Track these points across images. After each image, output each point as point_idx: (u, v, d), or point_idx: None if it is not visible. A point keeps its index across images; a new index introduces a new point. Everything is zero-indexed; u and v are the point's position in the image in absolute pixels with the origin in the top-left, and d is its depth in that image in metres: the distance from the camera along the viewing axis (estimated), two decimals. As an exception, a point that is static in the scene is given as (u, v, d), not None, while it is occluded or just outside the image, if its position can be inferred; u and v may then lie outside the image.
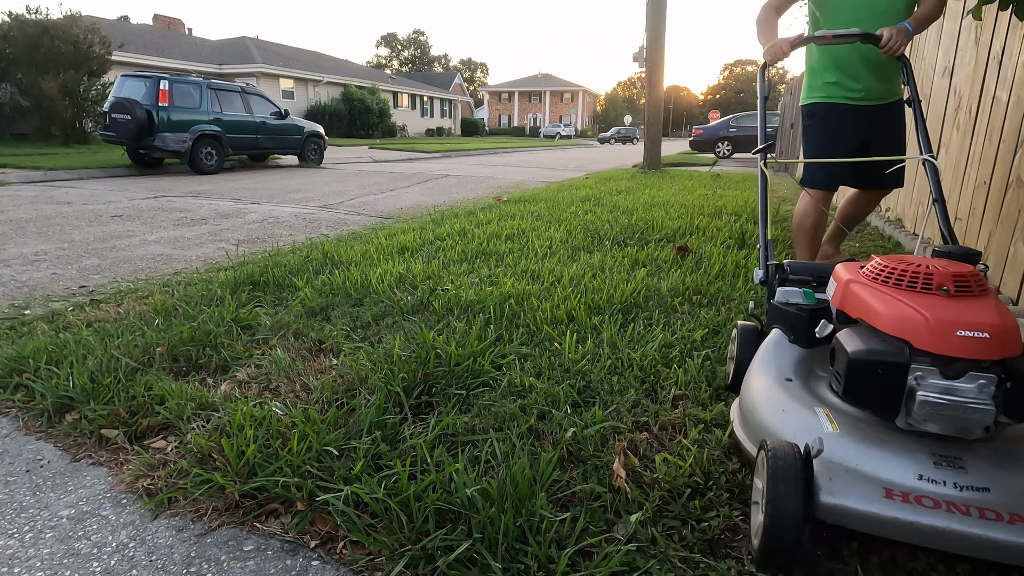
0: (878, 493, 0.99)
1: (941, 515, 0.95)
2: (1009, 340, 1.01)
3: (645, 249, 3.36)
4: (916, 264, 1.12)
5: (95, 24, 14.63)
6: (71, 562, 1.07)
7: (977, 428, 1.02)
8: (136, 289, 2.70)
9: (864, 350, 1.06)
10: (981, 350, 1.00)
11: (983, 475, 0.99)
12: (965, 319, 1.02)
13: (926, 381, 1.04)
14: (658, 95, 10.26)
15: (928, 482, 0.99)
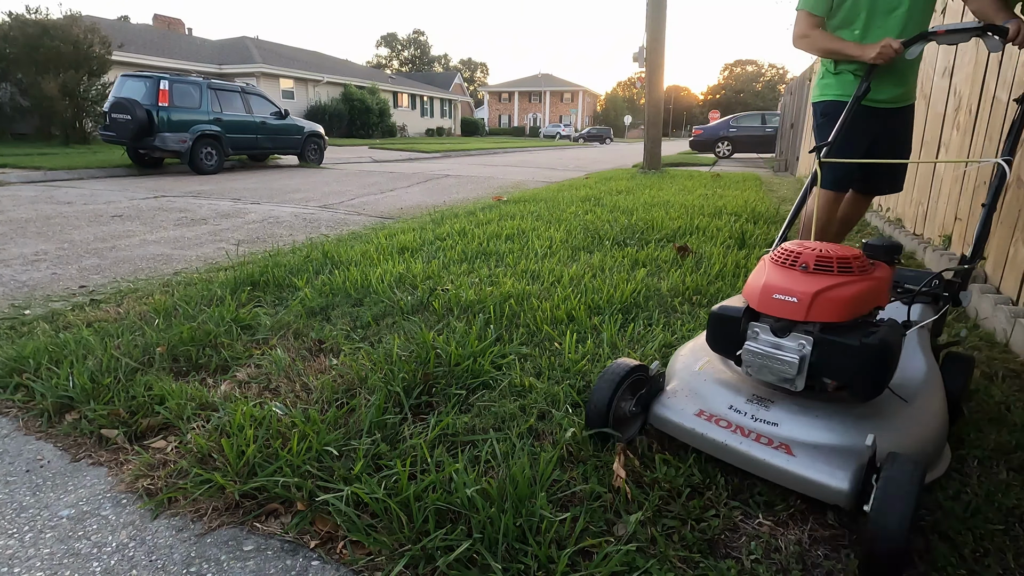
0: (692, 411, 1.31)
1: (727, 434, 1.23)
2: (816, 306, 1.16)
3: (645, 249, 3.36)
4: (799, 248, 1.27)
5: (95, 24, 14.62)
6: (71, 562, 1.07)
7: (793, 379, 1.19)
8: (136, 289, 2.70)
9: (718, 307, 1.35)
10: (786, 310, 1.19)
11: (779, 414, 1.23)
12: (785, 286, 1.20)
13: (758, 336, 1.24)
14: (658, 95, 10.26)
15: (733, 411, 1.28)
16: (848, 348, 1.13)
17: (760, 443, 1.19)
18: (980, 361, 1.92)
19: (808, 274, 1.21)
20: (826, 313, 1.16)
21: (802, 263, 1.23)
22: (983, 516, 1.16)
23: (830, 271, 1.20)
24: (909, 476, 0.98)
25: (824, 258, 1.22)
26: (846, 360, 1.14)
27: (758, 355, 1.23)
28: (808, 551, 1.10)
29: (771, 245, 1.80)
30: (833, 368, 1.17)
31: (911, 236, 3.66)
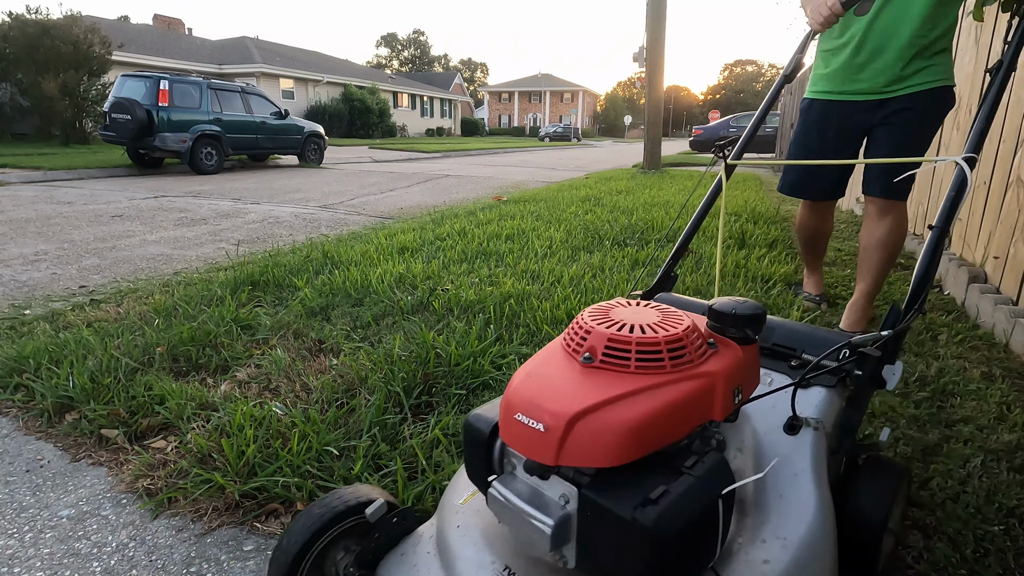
0: None
1: None
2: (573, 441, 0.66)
3: (645, 249, 3.36)
4: (593, 322, 0.76)
5: (95, 24, 14.63)
6: (71, 562, 1.08)
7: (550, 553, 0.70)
8: (136, 289, 2.70)
9: (472, 413, 0.84)
10: (529, 444, 0.69)
11: None
12: (531, 400, 0.70)
13: (514, 470, 0.78)
14: (658, 95, 10.26)
15: None
16: (617, 521, 0.65)
17: None
18: (980, 361, 1.92)
19: (585, 370, 0.72)
20: (588, 455, 0.66)
21: (587, 349, 0.74)
22: (983, 516, 1.16)
23: (624, 364, 0.71)
24: None
25: (621, 342, 0.72)
26: (616, 541, 0.66)
27: (504, 507, 0.74)
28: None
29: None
30: (603, 551, 0.68)
31: (911, 236, 3.66)
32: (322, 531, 0.84)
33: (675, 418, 0.70)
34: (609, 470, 0.67)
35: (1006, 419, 1.54)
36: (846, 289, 2.69)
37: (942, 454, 1.37)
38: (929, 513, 1.18)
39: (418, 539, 0.90)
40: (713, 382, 0.73)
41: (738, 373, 0.77)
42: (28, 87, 13.62)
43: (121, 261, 3.37)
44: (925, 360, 1.91)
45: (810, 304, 2.46)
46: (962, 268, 2.60)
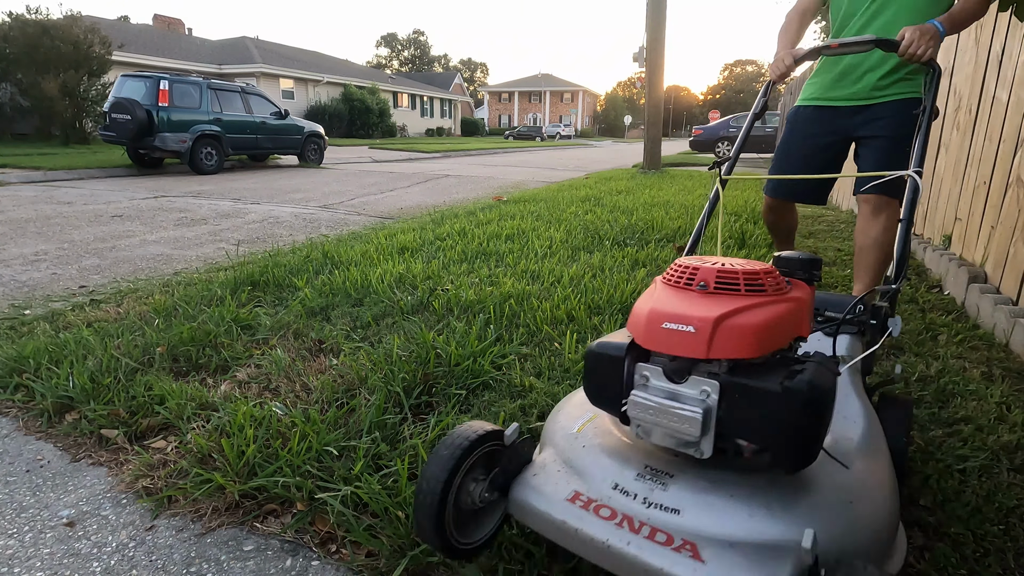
0: (563, 496, 0.92)
1: (610, 528, 0.85)
2: (722, 336, 0.83)
3: (645, 249, 3.36)
4: (695, 263, 0.95)
5: (95, 24, 14.63)
6: (71, 562, 1.08)
7: (696, 443, 0.85)
8: (136, 289, 2.70)
9: (596, 343, 0.97)
10: (682, 344, 0.84)
11: (681, 496, 0.86)
12: (678, 312, 0.86)
13: (647, 382, 0.90)
14: (658, 95, 10.26)
15: (619, 492, 0.90)
16: (767, 395, 0.81)
17: (655, 542, 0.82)
18: (980, 361, 1.92)
19: (707, 296, 0.89)
20: (733, 347, 0.83)
21: (700, 281, 0.91)
22: (983, 516, 1.16)
23: (735, 290, 0.89)
24: None
25: (728, 274, 0.91)
26: (765, 413, 0.82)
27: (648, 410, 0.88)
28: (808, 551, 1.09)
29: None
30: (748, 425, 0.84)
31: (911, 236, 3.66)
32: (460, 462, 0.93)
33: (784, 326, 0.89)
34: (742, 363, 0.86)
35: (1006, 419, 1.54)
36: (846, 290, 2.69)
37: (942, 453, 1.37)
38: (929, 513, 1.18)
39: (542, 463, 1.00)
40: (801, 306, 0.93)
41: (811, 304, 1.00)
42: (28, 87, 13.62)
43: (121, 261, 3.37)
44: (925, 360, 1.91)
45: None
46: (962, 268, 2.60)
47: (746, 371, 0.85)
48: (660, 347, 0.87)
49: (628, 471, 0.92)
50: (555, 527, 0.90)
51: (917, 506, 1.21)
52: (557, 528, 0.90)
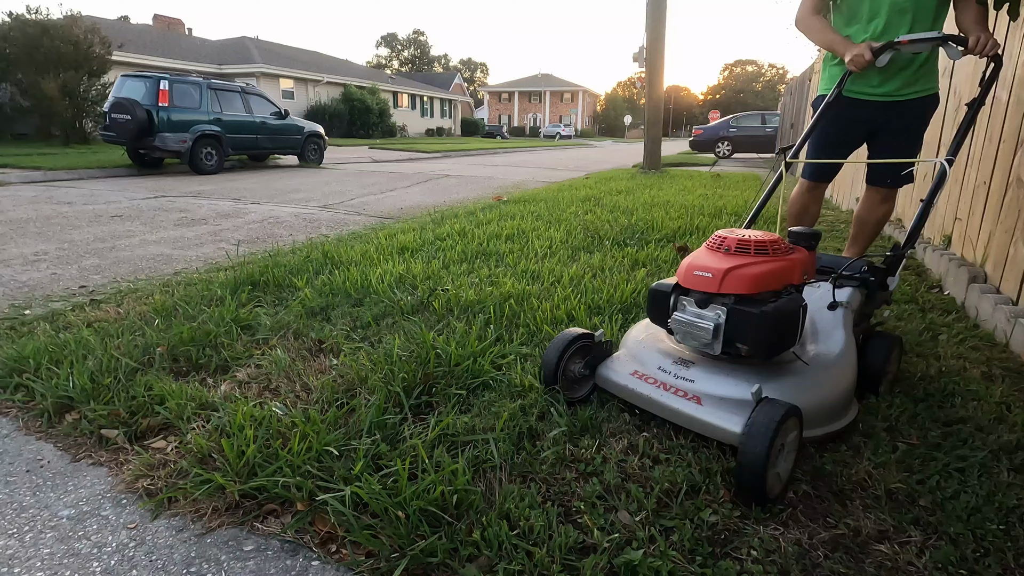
0: (629, 372, 1.53)
1: (653, 388, 1.45)
2: (727, 281, 1.36)
3: (645, 249, 3.36)
4: (728, 234, 1.46)
5: (95, 24, 14.63)
6: (71, 562, 1.08)
7: (711, 344, 1.39)
8: (136, 289, 2.70)
9: (655, 284, 1.54)
10: (704, 284, 1.39)
11: (696, 373, 1.43)
12: (704, 264, 1.40)
13: (684, 307, 1.46)
14: (658, 95, 10.26)
15: (660, 371, 1.49)
16: (751, 315, 1.33)
17: (677, 396, 1.40)
18: (980, 361, 1.92)
19: (728, 255, 1.41)
20: (735, 287, 1.36)
21: (725, 246, 1.43)
22: (983, 516, 1.16)
23: (747, 252, 1.41)
24: (770, 415, 1.17)
25: (744, 242, 1.42)
26: (749, 326, 1.33)
27: (683, 323, 1.43)
28: (808, 552, 1.10)
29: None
30: (741, 333, 1.35)
31: (911, 236, 3.65)
32: (566, 348, 1.56)
33: (775, 277, 1.41)
34: (743, 297, 1.37)
35: (1006, 419, 1.54)
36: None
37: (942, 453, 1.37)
38: (929, 513, 1.18)
39: (617, 356, 1.63)
40: (794, 265, 1.46)
41: (804, 264, 1.52)
42: (28, 87, 13.61)
43: (121, 261, 3.37)
44: (925, 360, 1.91)
45: None
46: (962, 268, 2.59)
47: (744, 301, 1.37)
48: (692, 285, 1.42)
49: (668, 359, 1.51)
50: (621, 389, 1.52)
51: (917, 505, 1.21)
52: (622, 389, 1.51)
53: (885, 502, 1.22)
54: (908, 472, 1.31)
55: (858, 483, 1.28)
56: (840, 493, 1.25)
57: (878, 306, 1.83)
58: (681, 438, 1.42)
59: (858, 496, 1.24)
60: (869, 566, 1.06)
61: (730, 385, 1.37)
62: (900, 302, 2.51)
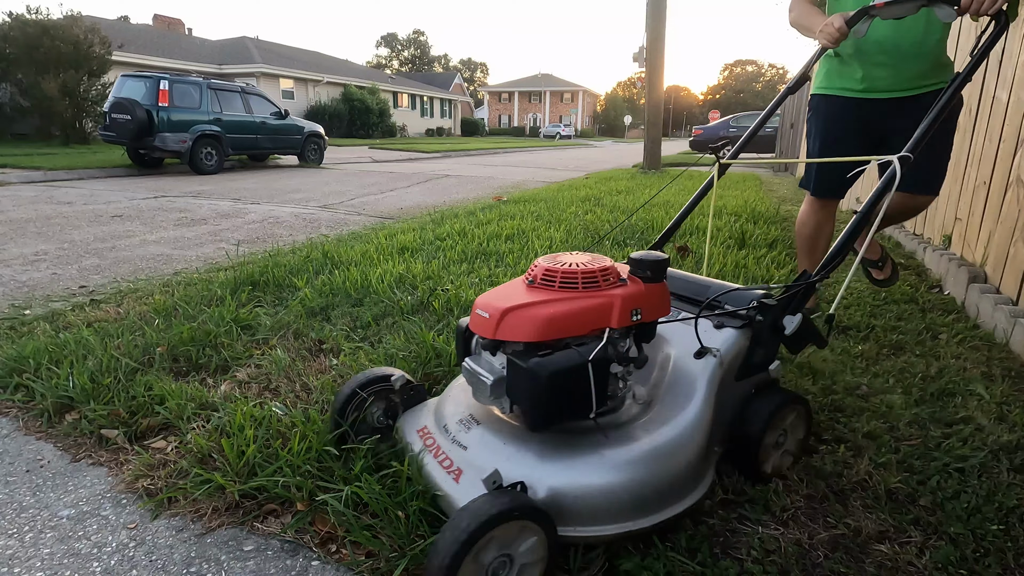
0: (416, 428, 1.26)
1: (426, 452, 1.17)
2: (505, 323, 1.05)
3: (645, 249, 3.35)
4: (546, 261, 1.16)
5: (95, 24, 14.63)
6: (71, 562, 1.08)
7: (494, 401, 1.11)
8: (136, 289, 2.70)
9: (461, 320, 1.25)
10: (482, 327, 1.08)
11: (474, 438, 1.13)
12: (488, 301, 1.10)
13: (479, 352, 1.18)
14: (658, 95, 10.26)
15: (443, 429, 1.19)
16: (521, 371, 1.03)
17: (441, 465, 1.12)
18: (980, 361, 1.92)
19: (530, 288, 1.13)
20: (512, 332, 1.05)
21: (532, 276, 1.15)
22: (983, 516, 1.16)
23: (550, 286, 1.11)
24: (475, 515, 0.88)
25: (550, 272, 1.12)
26: (518, 384, 1.05)
27: (468, 372, 1.16)
28: (808, 552, 1.09)
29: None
30: (514, 393, 1.07)
31: (911, 236, 3.66)
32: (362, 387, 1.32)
33: (574, 318, 1.07)
34: (531, 345, 1.06)
35: (1006, 419, 1.54)
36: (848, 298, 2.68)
37: (942, 453, 1.37)
38: (929, 513, 1.18)
39: (426, 403, 1.34)
40: (612, 302, 1.09)
41: (636, 300, 1.11)
42: (28, 87, 13.61)
43: (121, 261, 3.37)
44: (925, 360, 1.91)
45: None
46: (962, 268, 2.59)
47: (526, 351, 1.06)
48: (473, 328, 1.12)
49: (455, 416, 1.21)
50: (405, 446, 1.24)
51: (917, 505, 1.21)
52: (406, 446, 1.24)
53: (885, 502, 1.22)
54: (908, 472, 1.31)
55: (858, 483, 1.28)
56: (840, 493, 1.25)
57: (770, 357, 1.30)
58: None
59: (858, 496, 1.24)
60: (869, 566, 1.06)
61: (501, 459, 1.06)
62: (900, 302, 2.51)
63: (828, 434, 1.46)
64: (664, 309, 1.18)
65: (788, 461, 1.31)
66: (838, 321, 2.24)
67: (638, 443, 1.09)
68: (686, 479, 1.11)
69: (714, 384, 1.20)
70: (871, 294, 2.62)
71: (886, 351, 1.97)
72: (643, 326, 1.17)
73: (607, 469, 1.04)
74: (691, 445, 1.12)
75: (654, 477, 1.06)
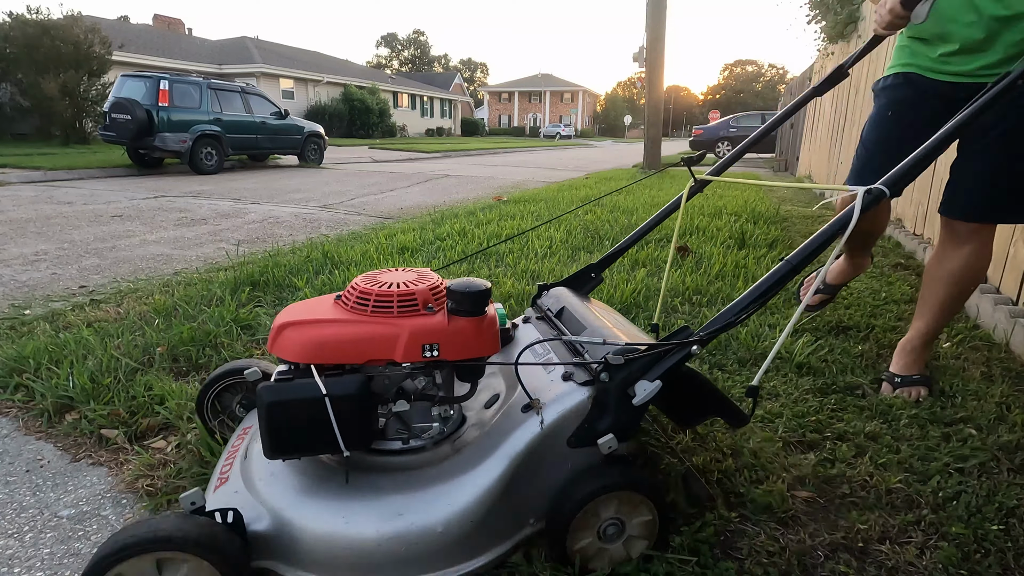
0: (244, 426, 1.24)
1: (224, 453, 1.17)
2: (281, 339, 0.99)
3: (645, 249, 3.35)
4: (362, 278, 1.08)
5: (95, 24, 14.63)
6: (71, 562, 1.07)
7: None
8: (136, 289, 2.70)
9: None
10: (272, 346, 1.02)
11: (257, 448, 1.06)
12: (283, 312, 1.06)
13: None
14: (658, 95, 10.26)
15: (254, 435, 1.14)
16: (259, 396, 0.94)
17: (221, 469, 1.10)
18: (980, 361, 1.92)
19: (334, 304, 1.06)
20: (284, 349, 0.99)
21: (346, 294, 1.06)
22: (983, 516, 1.16)
23: (344, 306, 1.04)
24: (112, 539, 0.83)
25: (353, 289, 1.04)
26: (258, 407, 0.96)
27: None
28: (808, 552, 1.09)
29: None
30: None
31: (911, 236, 3.66)
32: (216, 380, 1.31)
33: (353, 346, 0.98)
34: (302, 366, 0.98)
35: (1006, 419, 1.54)
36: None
37: (942, 453, 1.37)
38: (930, 512, 1.18)
39: None
40: (399, 333, 0.99)
41: (431, 335, 1.00)
42: (28, 87, 13.61)
43: (121, 261, 3.37)
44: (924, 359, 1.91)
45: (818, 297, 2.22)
46: (962, 268, 2.59)
47: (294, 372, 0.99)
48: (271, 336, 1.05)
49: None
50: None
51: (917, 506, 1.21)
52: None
53: (885, 502, 1.22)
54: (908, 472, 1.31)
55: (859, 483, 1.28)
56: (841, 493, 1.25)
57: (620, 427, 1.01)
58: (679, 435, 1.42)
59: (859, 496, 1.24)
60: (870, 567, 1.06)
61: (264, 475, 1.01)
62: (900, 302, 2.51)
63: (829, 432, 1.46)
64: (486, 346, 1.05)
65: (640, 546, 1.03)
66: (837, 321, 2.23)
67: (400, 494, 0.97)
68: (447, 549, 0.94)
69: (524, 445, 1.00)
70: (871, 294, 2.62)
71: (886, 351, 1.97)
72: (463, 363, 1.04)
73: (344, 517, 0.94)
74: (462, 510, 0.95)
75: (396, 538, 0.92)
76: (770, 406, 1.57)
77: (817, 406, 1.59)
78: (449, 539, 0.94)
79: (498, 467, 0.98)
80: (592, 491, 0.97)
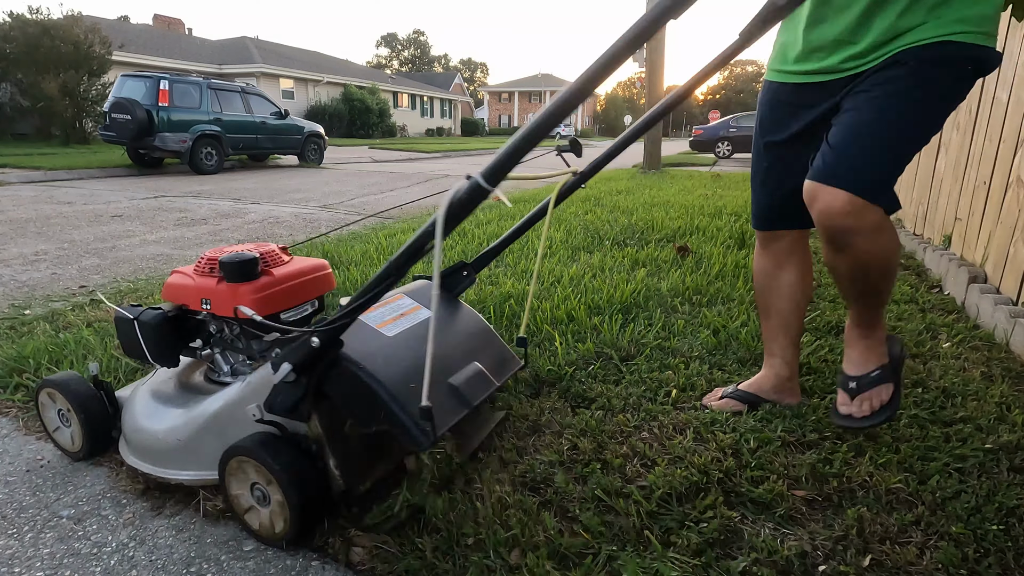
0: None
1: None
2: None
3: (645, 249, 3.35)
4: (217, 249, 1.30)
5: (95, 24, 14.64)
6: (71, 562, 1.08)
7: None
8: (136, 289, 2.70)
9: None
10: None
11: None
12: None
13: None
14: (658, 95, 10.26)
15: None
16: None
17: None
18: (980, 361, 1.92)
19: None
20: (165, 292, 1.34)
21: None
22: (983, 516, 1.16)
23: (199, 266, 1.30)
24: None
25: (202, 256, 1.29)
26: None
27: None
28: (808, 552, 1.09)
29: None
30: None
31: (911, 236, 3.66)
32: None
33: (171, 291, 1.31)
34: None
35: (1006, 419, 1.54)
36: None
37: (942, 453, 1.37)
38: (930, 512, 1.18)
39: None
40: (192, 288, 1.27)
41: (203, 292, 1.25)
42: (28, 87, 13.62)
43: (121, 261, 3.37)
44: (925, 360, 1.91)
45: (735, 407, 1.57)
46: (962, 268, 2.59)
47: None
48: None
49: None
50: None
51: (917, 506, 1.21)
52: None
53: (885, 502, 1.22)
54: (908, 472, 1.31)
55: (859, 483, 1.28)
56: (841, 493, 1.25)
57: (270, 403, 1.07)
58: (679, 436, 1.42)
59: (859, 496, 1.24)
60: (870, 567, 1.06)
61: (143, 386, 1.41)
62: (900, 302, 2.51)
63: (829, 432, 1.46)
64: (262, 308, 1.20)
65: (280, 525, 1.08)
66: (837, 321, 2.23)
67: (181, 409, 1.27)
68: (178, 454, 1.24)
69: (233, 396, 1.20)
70: (871, 294, 2.61)
71: (886, 351, 1.97)
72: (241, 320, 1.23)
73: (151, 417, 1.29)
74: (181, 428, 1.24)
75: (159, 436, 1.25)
76: (770, 405, 1.57)
77: (817, 406, 1.58)
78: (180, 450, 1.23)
79: (214, 404, 1.23)
80: (234, 448, 1.11)
